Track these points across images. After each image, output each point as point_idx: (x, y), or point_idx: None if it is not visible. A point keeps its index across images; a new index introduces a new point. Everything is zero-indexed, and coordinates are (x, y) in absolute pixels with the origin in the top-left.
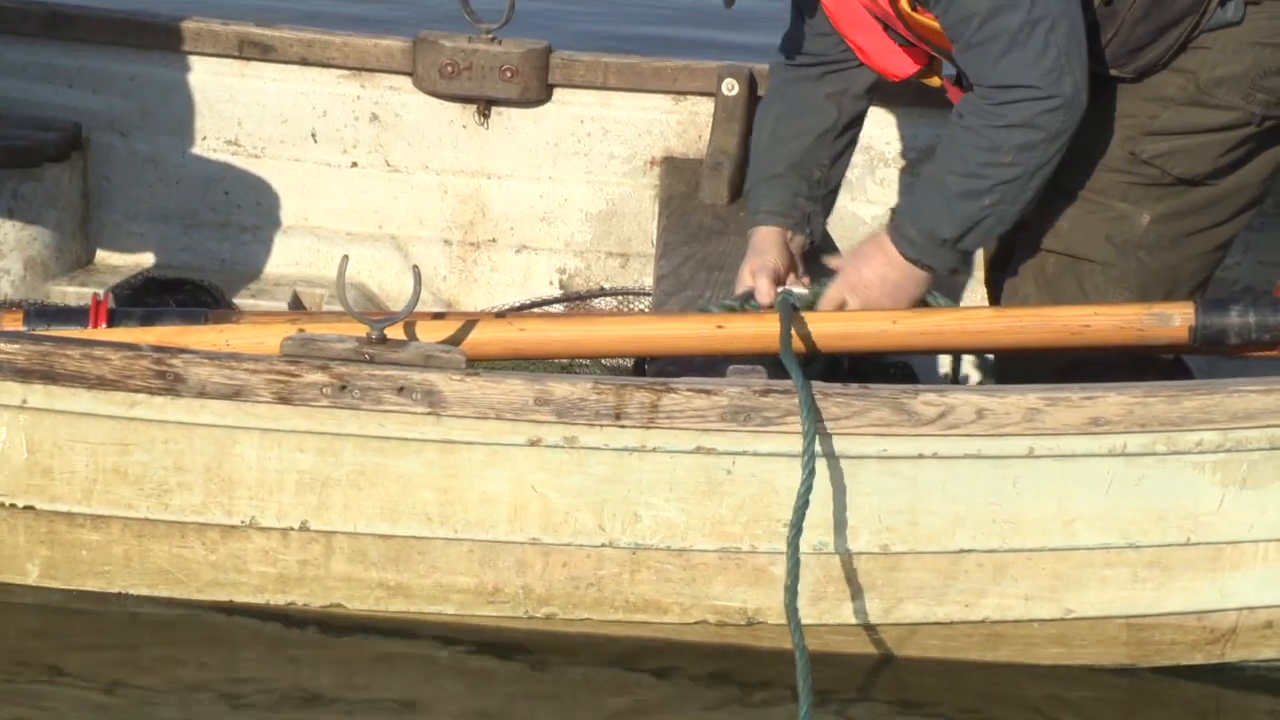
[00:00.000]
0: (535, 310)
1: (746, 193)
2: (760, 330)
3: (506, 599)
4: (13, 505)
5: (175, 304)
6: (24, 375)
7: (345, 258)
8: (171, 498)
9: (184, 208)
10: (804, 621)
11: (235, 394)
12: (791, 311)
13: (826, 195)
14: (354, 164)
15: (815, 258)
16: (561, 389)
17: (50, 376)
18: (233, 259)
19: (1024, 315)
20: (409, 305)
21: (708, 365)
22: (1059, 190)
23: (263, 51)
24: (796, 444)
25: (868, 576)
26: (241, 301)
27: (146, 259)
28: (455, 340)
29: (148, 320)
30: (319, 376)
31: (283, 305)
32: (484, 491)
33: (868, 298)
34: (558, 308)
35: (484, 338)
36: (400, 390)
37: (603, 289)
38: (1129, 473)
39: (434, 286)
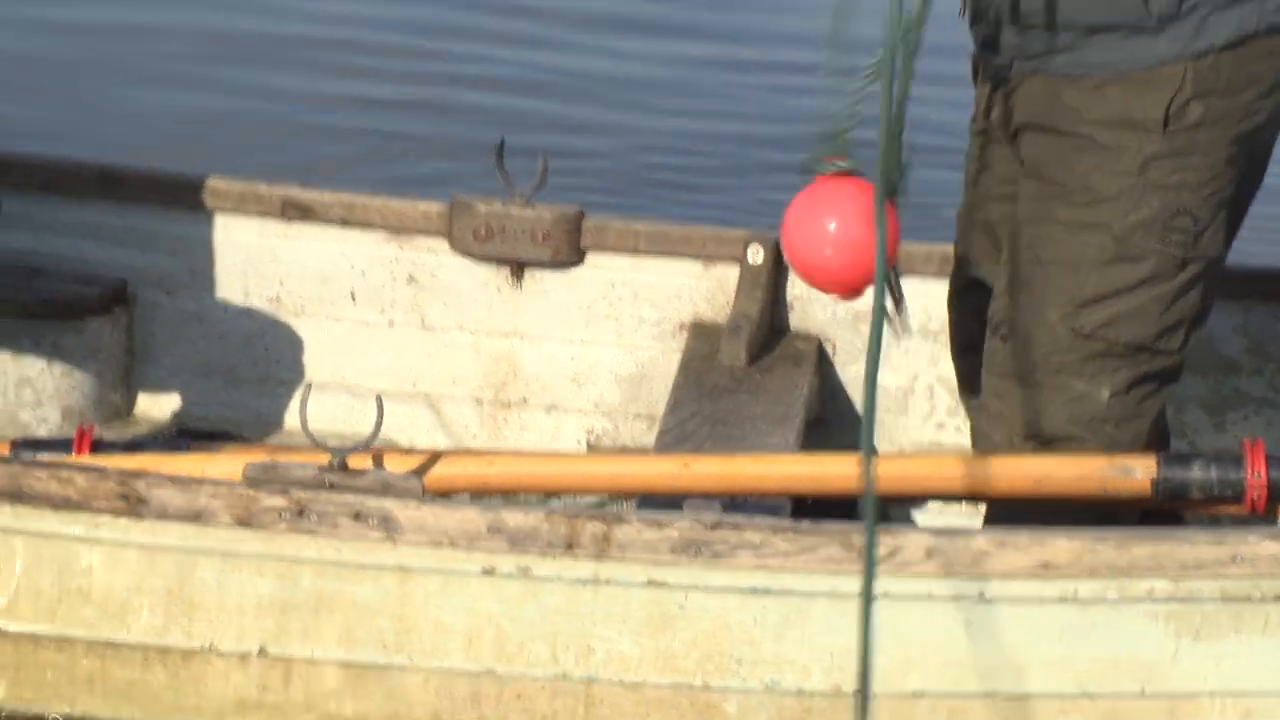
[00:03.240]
0: None
1: None
2: (726, 470)
3: None
4: None
5: None
6: None
7: (308, 386)
8: (133, 620)
9: (225, 363)
10: None
11: (196, 516)
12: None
13: None
14: (391, 323)
15: None
16: (515, 518)
17: (18, 497)
18: (269, 414)
19: (986, 463)
20: (371, 434)
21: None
22: (1014, 378)
23: (304, 213)
24: (748, 579)
25: (821, 717)
26: None
27: (185, 412)
28: (420, 472)
29: (131, 450)
30: (278, 501)
31: None
32: (439, 620)
33: None
34: None
35: (451, 471)
36: (357, 516)
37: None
38: (1082, 619)
39: (464, 445)
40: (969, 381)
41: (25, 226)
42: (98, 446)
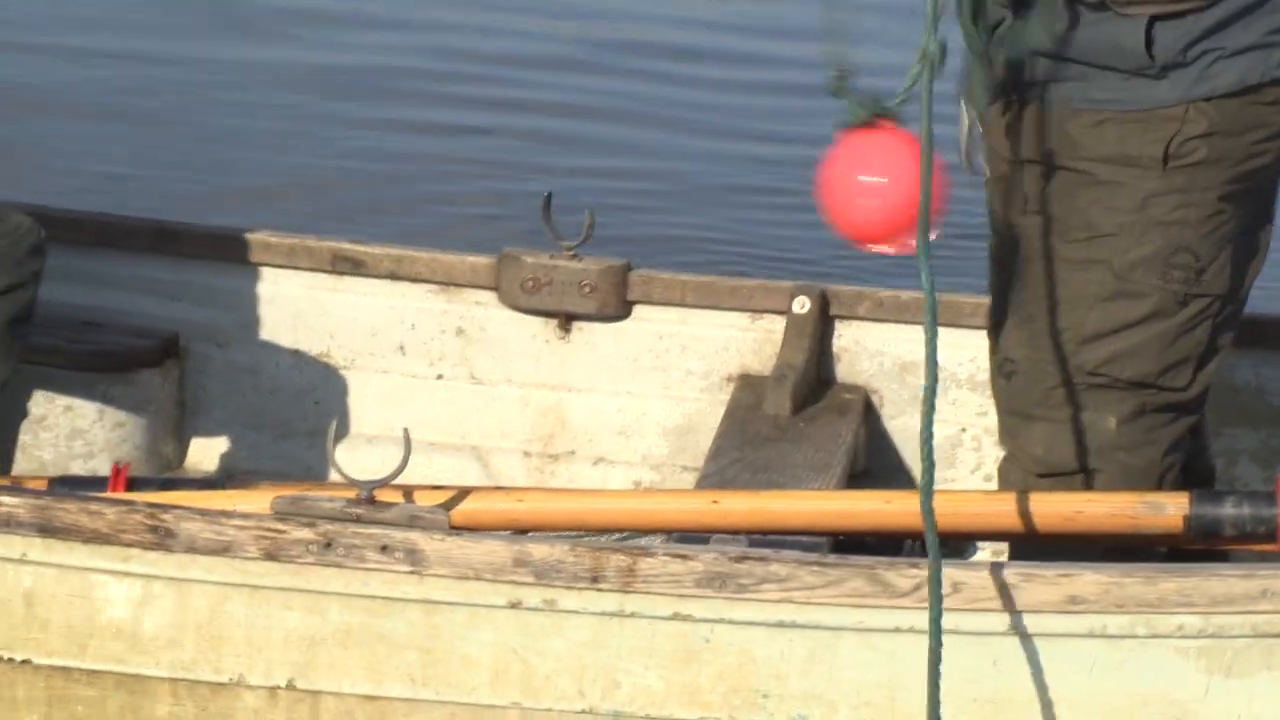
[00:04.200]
0: None
1: None
2: (754, 506)
3: None
4: (11, 659)
5: None
6: (24, 528)
7: (333, 422)
8: (163, 654)
9: (276, 416)
10: None
11: (224, 550)
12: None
13: None
14: (439, 376)
15: None
16: (540, 550)
17: (49, 530)
18: (319, 466)
19: (1016, 500)
20: (399, 467)
21: None
22: (1020, 416)
23: (354, 266)
24: (774, 612)
25: None
26: None
27: (236, 465)
28: (447, 506)
29: (165, 487)
30: (305, 534)
31: None
32: (465, 654)
33: None
34: None
35: (480, 506)
36: (383, 549)
37: None
38: (1111, 655)
39: None
40: None
41: (80, 280)
42: (132, 484)
